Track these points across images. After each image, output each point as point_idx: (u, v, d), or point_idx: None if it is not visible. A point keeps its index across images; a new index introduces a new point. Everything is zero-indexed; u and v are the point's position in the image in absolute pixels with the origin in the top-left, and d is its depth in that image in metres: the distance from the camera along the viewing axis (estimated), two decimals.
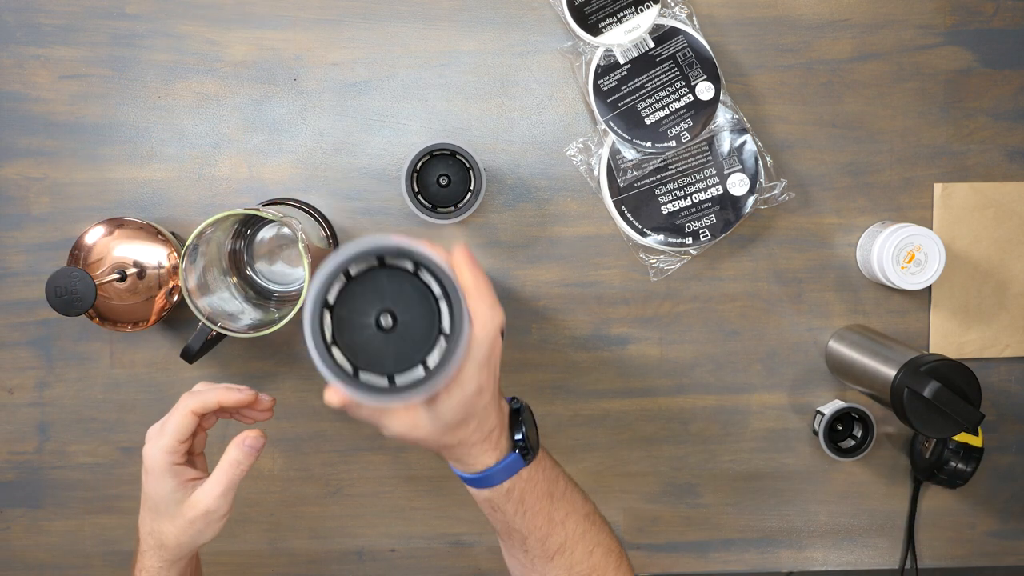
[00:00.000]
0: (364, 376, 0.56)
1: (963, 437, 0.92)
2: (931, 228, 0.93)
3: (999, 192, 0.94)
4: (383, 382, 0.56)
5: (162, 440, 0.68)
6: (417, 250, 0.55)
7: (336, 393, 0.58)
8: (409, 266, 0.57)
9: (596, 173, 0.92)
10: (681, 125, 0.90)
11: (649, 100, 0.90)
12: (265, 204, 0.90)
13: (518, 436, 0.64)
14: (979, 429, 0.92)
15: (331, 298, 0.56)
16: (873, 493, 0.97)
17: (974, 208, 0.94)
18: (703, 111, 0.90)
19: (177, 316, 0.91)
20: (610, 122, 0.90)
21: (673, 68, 0.90)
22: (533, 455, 0.65)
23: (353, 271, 0.56)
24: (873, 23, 0.93)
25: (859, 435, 0.94)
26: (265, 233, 0.90)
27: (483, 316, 0.58)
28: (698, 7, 0.91)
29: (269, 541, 0.95)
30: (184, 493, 0.67)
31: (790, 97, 0.93)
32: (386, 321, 0.57)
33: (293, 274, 0.90)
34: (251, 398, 0.70)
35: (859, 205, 0.94)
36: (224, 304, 0.80)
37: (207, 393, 0.69)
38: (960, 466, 0.92)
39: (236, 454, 0.68)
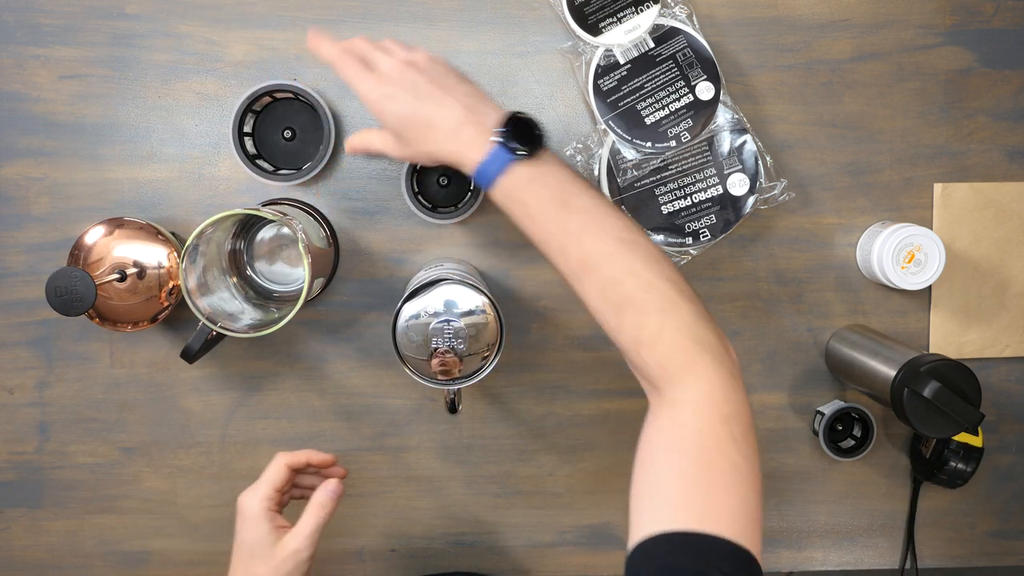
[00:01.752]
0: None
1: (963, 437, 0.92)
2: (931, 228, 0.93)
3: (999, 192, 0.94)
4: None
5: (260, 489, 0.76)
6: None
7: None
8: None
9: (596, 173, 0.92)
10: (681, 125, 0.90)
11: (649, 100, 0.90)
12: (265, 204, 0.90)
13: (500, 130, 0.68)
14: (979, 429, 0.92)
15: None
16: (873, 493, 0.97)
17: (974, 208, 0.94)
18: (703, 111, 0.90)
19: (177, 316, 0.91)
20: (610, 122, 0.90)
21: (673, 68, 0.90)
22: (526, 153, 0.67)
23: None
24: (873, 23, 0.93)
25: (859, 435, 0.94)
26: (265, 233, 0.90)
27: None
28: (698, 7, 0.91)
29: None
30: (276, 537, 0.74)
31: (790, 97, 0.93)
32: None
33: (293, 274, 0.90)
34: (334, 460, 0.80)
35: (859, 205, 0.94)
36: (224, 304, 0.80)
37: (300, 452, 0.78)
38: (960, 466, 0.92)
39: (322, 497, 0.76)
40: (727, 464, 0.59)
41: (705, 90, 0.90)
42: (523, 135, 0.68)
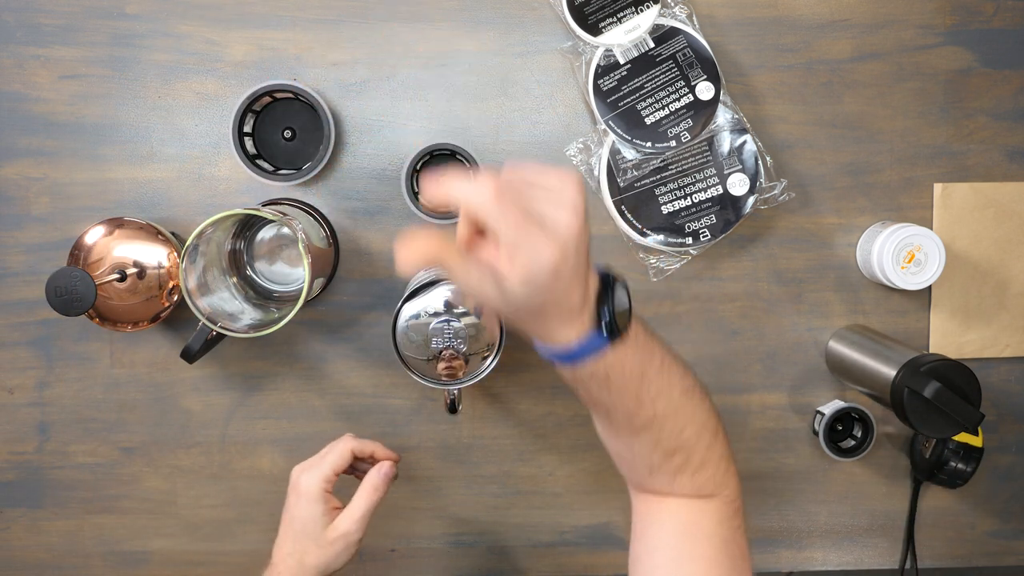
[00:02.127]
0: None
1: (963, 437, 0.91)
2: (931, 228, 0.93)
3: (999, 192, 0.94)
4: None
5: (321, 470, 0.77)
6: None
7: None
8: None
9: (596, 173, 0.92)
10: (681, 125, 0.90)
11: (649, 100, 0.90)
12: (265, 204, 0.90)
13: (603, 313, 0.57)
14: (979, 429, 0.92)
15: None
16: (873, 493, 0.97)
17: (974, 208, 0.94)
18: (703, 111, 0.90)
19: (177, 316, 0.91)
20: (610, 122, 0.90)
21: (673, 68, 0.90)
22: (620, 335, 0.58)
23: None
24: (873, 23, 0.93)
25: (859, 435, 0.94)
26: (265, 233, 0.90)
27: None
28: (698, 7, 0.91)
29: (269, 541, 0.94)
30: (329, 518, 0.76)
31: (790, 97, 0.93)
32: None
33: (293, 274, 0.90)
34: (397, 458, 0.81)
35: (859, 205, 0.94)
36: (224, 304, 0.80)
37: (367, 442, 0.80)
38: (960, 466, 0.92)
39: (376, 480, 0.78)
40: (740, 551, 0.67)
41: (705, 90, 0.90)
42: (616, 310, 0.58)
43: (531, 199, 0.52)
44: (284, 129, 0.89)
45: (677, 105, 0.90)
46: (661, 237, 0.91)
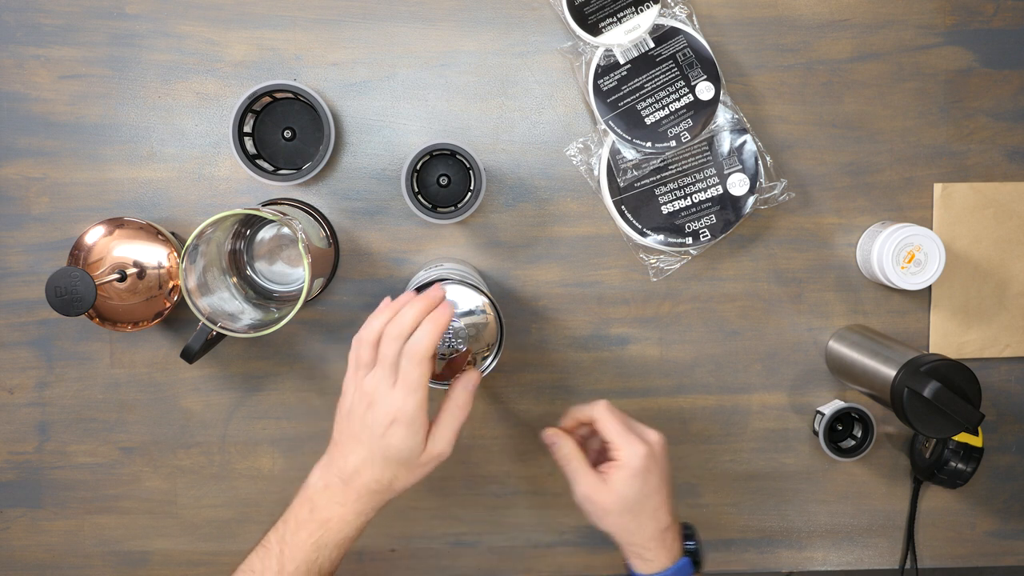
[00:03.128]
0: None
1: (963, 437, 0.91)
2: (931, 228, 0.93)
3: (999, 192, 0.94)
4: None
5: (420, 393, 0.70)
6: None
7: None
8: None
9: (596, 173, 0.92)
10: (681, 125, 0.90)
11: (649, 100, 0.90)
12: (265, 204, 0.90)
13: (690, 543, 0.80)
14: (979, 429, 0.92)
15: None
16: (873, 493, 0.97)
17: (974, 208, 0.94)
18: (703, 111, 0.90)
19: (177, 316, 0.91)
20: (610, 122, 0.90)
21: (673, 68, 0.90)
22: (701, 567, 0.80)
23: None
24: (873, 23, 0.93)
25: (859, 435, 0.94)
26: (265, 233, 0.90)
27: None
28: (698, 7, 0.91)
29: None
30: (425, 442, 0.71)
31: (790, 97, 0.93)
32: None
33: (293, 274, 0.90)
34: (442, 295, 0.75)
35: (859, 205, 0.94)
36: (224, 304, 0.80)
37: (441, 329, 0.72)
38: (960, 466, 0.92)
39: (462, 397, 0.73)
40: None
41: (705, 90, 0.90)
42: (700, 543, 0.82)
43: (629, 421, 0.79)
44: (284, 129, 0.89)
45: (677, 105, 0.90)
46: (661, 237, 0.91)
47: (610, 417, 0.78)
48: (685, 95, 0.90)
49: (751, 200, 0.91)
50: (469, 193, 0.89)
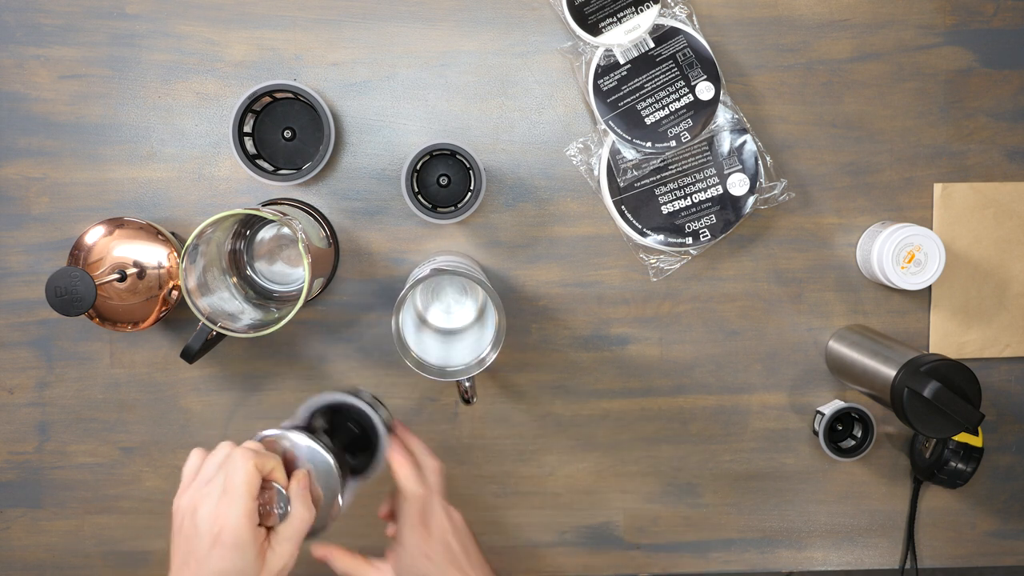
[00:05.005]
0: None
1: (963, 437, 0.92)
2: (931, 228, 0.93)
3: (999, 192, 0.94)
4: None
5: (241, 504, 0.61)
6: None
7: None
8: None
9: (596, 173, 0.92)
10: (681, 125, 0.90)
11: (649, 100, 0.90)
12: (265, 204, 0.90)
13: None
14: (979, 429, 0.92)
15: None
16: (873, 493, 0.97)
17: (974, 208, 0.94)
18: (703, 111, 0.90)
19: (177, 316, 0.91)
20: (610, 122, 0.90)
21: (673, 68, 0.90)
22: None
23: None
24: (873, 23, 0.93)
25: (859, 435, 0.94)
26: (265, 233, 0.90)
27: (404, 480, 0.76)
28: (698, 7, 0.91)
29: None
30: (261, 561, 0.63)
31: (790, 97, 0.93)
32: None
33: (293, 274, 0.90)
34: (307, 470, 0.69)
35: (859, 205, 0.94)
36: (224, 304, 0.80)
37: (268, 457, 0.65)
38: (960, 466, 0.92)
39: (302, 495, 0.66)
40: None
41: (705, 90, 0.90)
42: None
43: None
44: (284, 129, 0.89)
45: (677, 105, 0.90)
46: (661, 237, 0.91)
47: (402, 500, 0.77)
48: (685, 95, 0.90)
49: (751, 200, 0.91)
50: (469, 193, 0.89)
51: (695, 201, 0.91)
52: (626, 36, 0.89)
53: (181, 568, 0.63)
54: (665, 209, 0.91)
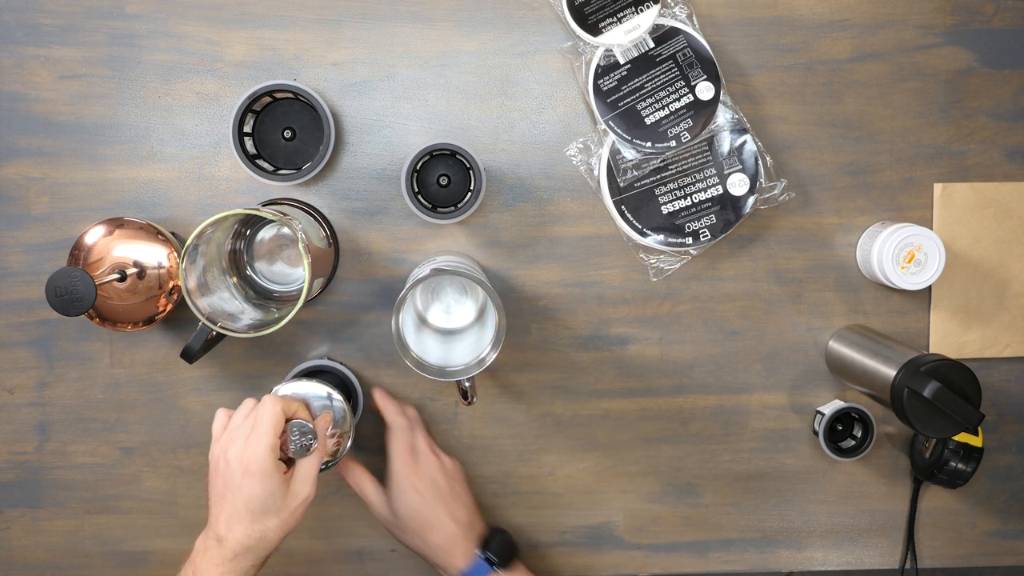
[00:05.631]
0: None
1: (963, 437, 0.91)
2: (931, 228, 0.93)
3: (999, 192, 0.94)
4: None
5: (266, 440, 0.73)
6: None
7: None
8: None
9: (596, 173, 0.92)
10: (681, 125, 0.90)
11: (649, 100, 0.90)
12: (265, 204, 0.90)
13: (487, 550, 0.85)
14: (979, 429, 0.92)
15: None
16: (873, 493, 0.97)
17: (974, 208, 0.94)
18: (703, 111, 0.90)
19: (177, 316, 0.91)
20: (610, 122, 0.90)
21: (673, 68, 0.90)
22: (501, 567, 0.85)
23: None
24: (873, 23, 0.93)
25: (859, 435, 0.94)
26: (265, 233, 0.90)
27: (389, 412, 0.89)
28: (698, 7, 0.91)
29: None
30: (285, 487, 0.74)
31: (790, 97, 0.93)
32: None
33: (293, 274, 0.90)
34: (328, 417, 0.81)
35: (859, 205, 0.94)
36: (224, 304, 0.80)
37: (292, 400, 0.78)
38: (960, 466, 0.92)
39: (325, 445, 0.78)
40: None
41: (705, 90, 0.90)
42: (501, 551, 0.85)
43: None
44: (284, 129, 0.89)
45: (677, 105, 0.90)
46: (661, 237, 0.91)
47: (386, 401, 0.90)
48: (685, 95, 0.90)
49: (751, 200, 0.91)
50: (469, 193, 0.89)
51: (695, 201, 0.91)
52: (626, 36, 0.89)
53: (218, 502, 0.74)
54: (665, 209, 0.91)
